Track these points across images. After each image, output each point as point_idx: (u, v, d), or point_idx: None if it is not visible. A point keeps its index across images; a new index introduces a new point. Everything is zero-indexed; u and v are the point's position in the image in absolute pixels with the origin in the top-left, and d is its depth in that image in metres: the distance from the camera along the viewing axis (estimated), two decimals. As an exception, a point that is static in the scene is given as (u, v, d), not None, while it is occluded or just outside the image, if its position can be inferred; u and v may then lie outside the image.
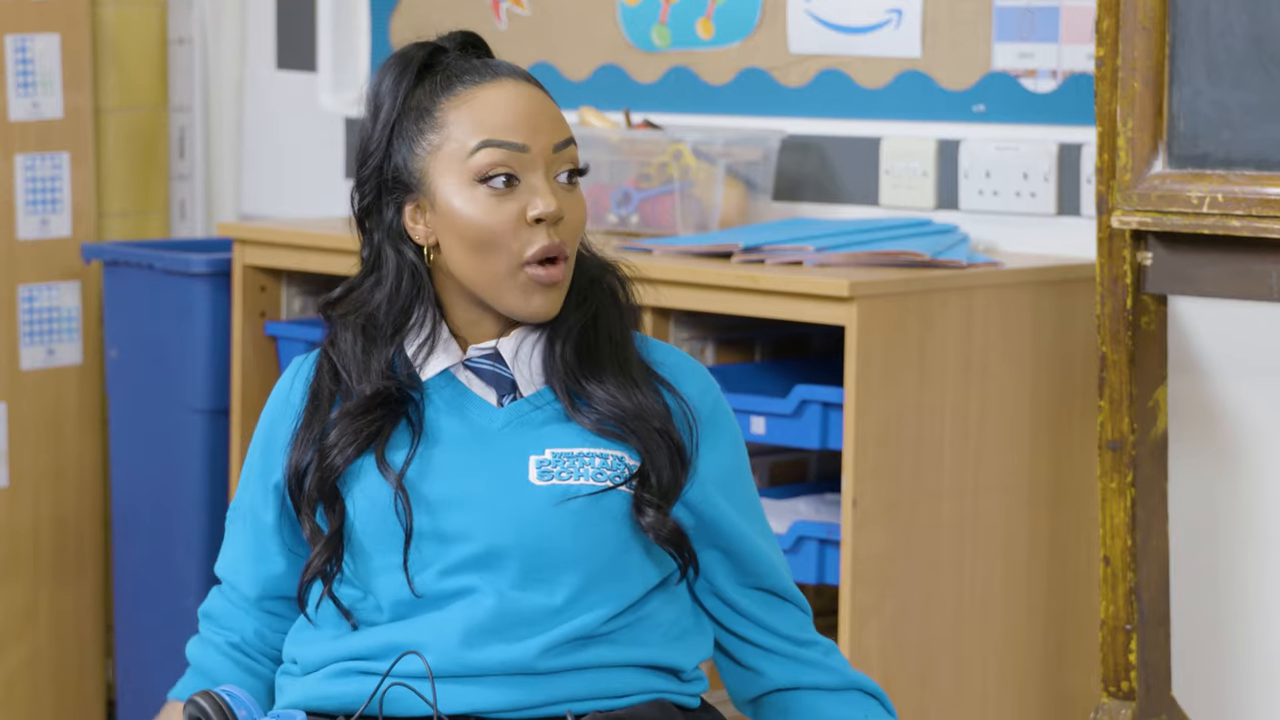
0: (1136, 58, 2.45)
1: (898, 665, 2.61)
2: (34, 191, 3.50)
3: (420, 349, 1.88)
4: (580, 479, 1.84)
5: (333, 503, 1.85)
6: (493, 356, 1.88)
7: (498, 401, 1.88)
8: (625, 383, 1.87)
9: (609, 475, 1.85)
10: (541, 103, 1.87)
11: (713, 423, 1.92)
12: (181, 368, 3.31)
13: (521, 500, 1.84)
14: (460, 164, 1.85)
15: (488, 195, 1.85)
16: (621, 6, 3.18)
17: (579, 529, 1.83)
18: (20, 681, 3.52)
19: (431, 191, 1.86)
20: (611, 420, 1.86)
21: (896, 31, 2.93)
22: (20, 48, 3.47)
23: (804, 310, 2.60)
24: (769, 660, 1.93)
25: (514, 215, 1.84)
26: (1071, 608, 2.77)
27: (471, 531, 1.83)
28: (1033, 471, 2.73)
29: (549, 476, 1.85)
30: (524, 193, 1.85)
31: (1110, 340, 2.52)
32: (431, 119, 1.86)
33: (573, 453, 1.85)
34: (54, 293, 3.50)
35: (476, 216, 1.84)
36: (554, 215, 1.84)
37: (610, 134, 2.96)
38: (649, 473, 1.85)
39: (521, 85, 1.87)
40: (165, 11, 3.68)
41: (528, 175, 1.85)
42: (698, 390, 1.93)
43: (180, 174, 3.71)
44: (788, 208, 3.03)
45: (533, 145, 1.85)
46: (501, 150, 1.84)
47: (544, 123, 1.86)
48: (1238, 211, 2.40)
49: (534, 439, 1.86)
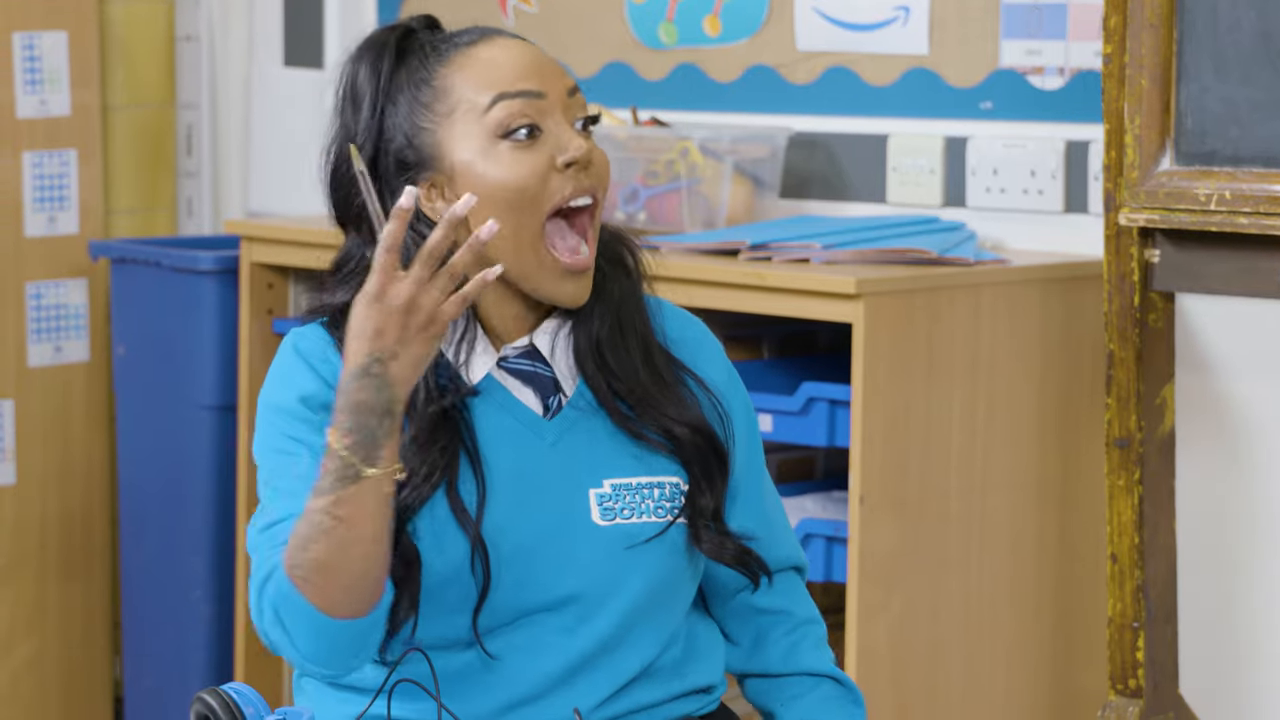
0: (1144, 55, 2.45)
1: (905, 662, 2.61)
2: (42, 189, 3.50)
3: (459, 350, 1.78)
4: (643, 516, 1.79)
5: (409, 547, 1.73)
6: (529, 354, 1.81)
7: (541, 404, 1.81)
8: (656, 376, 1.81)
9: (668, 508, 1.80)
10: (541, 53, 1.80)
11: (731, 392, 1.88)
12: (189, 365, 3.31)
13: (589, 546, 1.78)
14: (477, 124, 1.76)
15: (511, 150, 1.75)
16: (629, 4, 3.18)
17: (646, 571, 1.79)
18: (28, 678, 3.52)
19: (448, 162, 1.77)
20: (650, 424, 1.80)
21: (904, 29, 2.93)
22: (28, 45, 3.47)
23: (811, 307, 2.60)
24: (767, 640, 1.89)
25: (543, 165, 1.76)
26: (1079, 605, 2.77)
27: (538, 580, 1.77)
28: (1040, 468, 2.73)
29: (611, 515, 1.79)
30: (548, 141, 1.76)
31: (1118, 337, 2.52)
32: (432, 89, 1.77)
33: (631, 484, 1.80)
34: (61, 290, 3.50)
35: (503, 174, 1.75)
36: (585, 157, 1.75)
37: (617, 131, 2.96)
38: (697, 492, 1.81)
39: (515, 40, 1.80)
40: (173, 9, 3.68)
41: (548, 123, 1.76)
42: (716, 365, 1.88)
43: (188, 171, 3.71)
44: (795, 205, 3.03)
45: (549, 91, 1.77)
46: (519, 100, 1.75)
47: (550, 70, 1.78)
48: (1245, 209, 2.40)
49: (589, 465, 1.80)
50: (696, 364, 1.87)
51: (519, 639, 1.78)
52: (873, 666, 2.57)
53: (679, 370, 1.85)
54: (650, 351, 1.83)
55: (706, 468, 1.82)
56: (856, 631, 2.56)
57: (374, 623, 1.71)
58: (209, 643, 3.33)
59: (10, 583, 3.50)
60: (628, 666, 1.80)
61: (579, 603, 1.78)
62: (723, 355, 1.91)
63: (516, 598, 1.77)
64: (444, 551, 1.76)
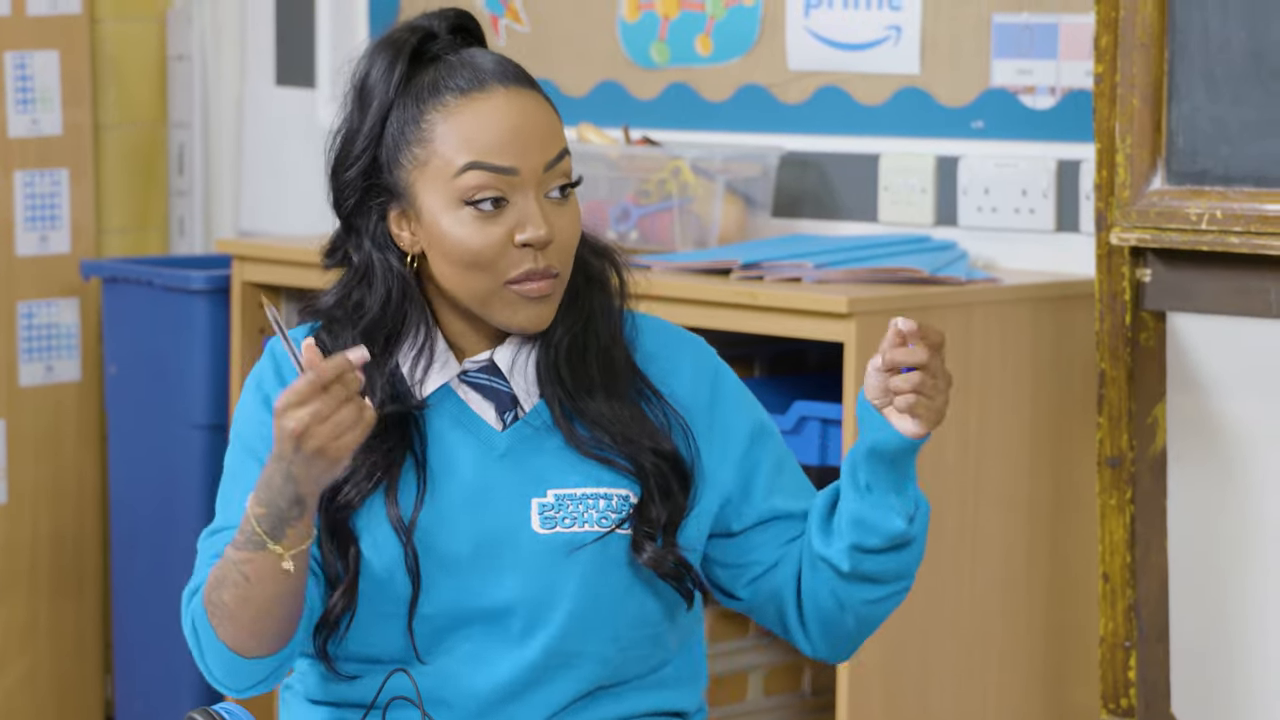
0: (1135, 74, 2.46)
1: (898, 679, 2.62)
2: (33, 208, 3.50)
3: (416, 361, 1.81)
4: (584, 525, 1.80)
5: (347, 543, 1.77)
6: (488, 369, 1.83)
7: (498, 418, 1.83)
8: (616, 397, 1.81)
9: (613, 518, 1.80)
10: (534, 115, 1.78)
11: (717, 403, 1.86)
12: (180, 384, 3.31)
13: (527, 553, 1.79)
14: (446, 184, 1.77)
15: (474, 217, 1.77)
16: (621, 23, 3.19)
17: (584, 579, 1.79)
18: (20, 697, 3.52)
19: (417, 205, 1.79)
20: (608, 446, 1.81)
21: (895, 48, 2.94)
22: (20, 64, 3.48)
23: (802, 327, 2.60)
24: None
25: (501, 237, 1.77)
26: (1071, 623, 2.77)
27: (473, 586, 1.79)
28: (1032, 487, 2.73)
29: (552, 524, 1.80)
30: (512, 214, 1.77)
31: (1109, 356, 2.52)
32: (419, 130, 1.77)
33: (575, 494, 1.80)
34: (53, 309, 3.51)
35: (463, 238, 1.77)
36: (543, 241, 1.77)
37: (609, 150, 2.97)
38: (648, 504, 1.81)
39: (514, 95, 1.78)
40: (164, 28, 3.68)
41: (517, 197, 1.78)
42: (693, 375, 1.87)
43: (179, 190, 3.71)
44: (787, 224, 3.03)
45: (523, 167, 1.77)
46: (489, 174, 1.77)
47: (535, 140, 1.78)
48: (1236, 228, 2.41)
49: (535, 475, 1.81)
50: (668, 380, 1.86)
51: (461, 651, 1.79)
52: (865, 684, 2.58)
53: (644, 388, 1.84)
54: (613, 370, 1.83)
55: (664, 484, 1.81)
56: (849, 651, 2.56)
57: (281, 660, 1.76)
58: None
59: (2, 602, 3.50)
60: (579, 681, 1.80)
61: (518, 613, 1.79)
62: (708, 367, 1.89)
63: (453, 603, 1.79)
64: (380, 553, 1.78)
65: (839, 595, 1.84)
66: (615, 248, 1.88)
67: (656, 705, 1.85)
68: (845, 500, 1.82)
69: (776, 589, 1.87)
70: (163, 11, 3.68)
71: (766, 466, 1.87)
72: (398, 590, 1.78)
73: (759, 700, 3.04)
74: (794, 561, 1.86)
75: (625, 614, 1.82)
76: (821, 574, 1.83)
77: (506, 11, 3.30)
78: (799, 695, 3.08)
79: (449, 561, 1.79)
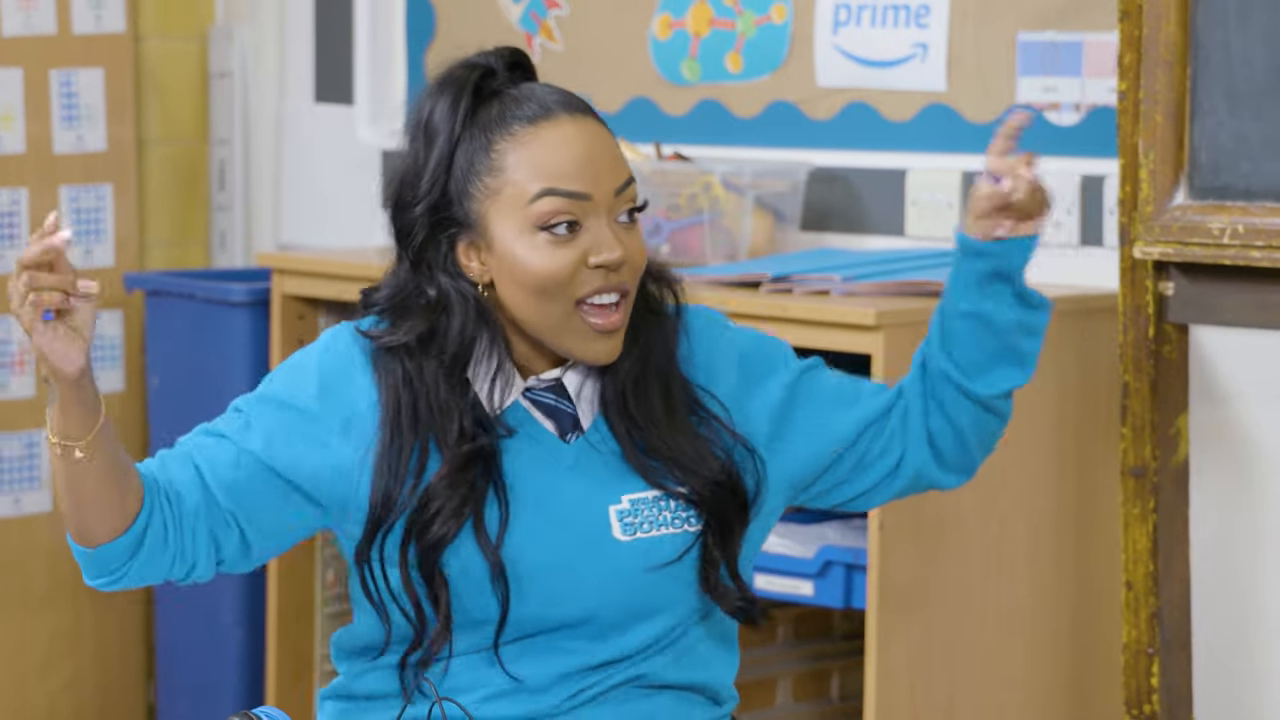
0: (1158, 91, 2.47)
1: (924, 688, 2.64)
2: (78, 222, 3.54)
3: (492, 387, 1.83)
4: (661, 528, 1.84)
5: (434, 579, 1.80)
6: (554, 389, 1.86)
7: (559, 435, 1.86)
8: (676, 429, 1.84)
9: (684, 517, 1.85)
10: (602, 142, 1.81)
11: (748, 371, 1.90)
12: (221, 395, 3.31)
13: (612, 562, 1.83)
14: (520, 210, 1.79)
15: (549, 242, 1.79)
16: (652, 40, 3.22)
17: (665, 585, 1.85)
18: (64, 701, 3.55)
19: (489, 234, 1.81)
20: (670, 476, 1.84)
21: (922, 65, 2.96)
22: (65, 82, 3.52)
23: (831, 339, 2.61)
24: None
25: (575, 260, 1.80)
26: (1094, 631, 2.78)
27: (562, 598, 1.83)
28: (1056, 497, 2.74)
29: (632, 530, 1.83)
30: (586, 239, 1.80)
31: (1133, 368, 2.53)
32: (488, 160, 1.80)
33: (647, 498, 1.84)
34: (97, 321, 3.52)
35: (537, 263, 1.79)
36: (618, 262, 1.80)
37: (641, 166, 2.99)
38: (713, 543, 1.84)
39: (580, 123, 1.81)
40: (206, 46, 3.72)
41: (590, 221, 1.80)
42: (726, 356, 1.90)
43: (220, 205, 3.75)
44: (815, 238, 3.05)
45: (595, 193, 1.80)
46: (563, 199, 1.79)
47: (605, 166, 1.80)
48: (1258, 242, 2.41)
49: (607, 483, 1.84)
50: (715, 379, 1.89)
51: (536, 651, 1.84)
52: (892, 691, 2.60)
53: (703, 413, 1.87)
54: (672, 400, 1.86)
55: (724, 517, 1.85)
56: (876, 657, 2.58)
57: (122, 552, 1.78)
58: (241, 667, 3.36)
59: (47, 609, 3.53)
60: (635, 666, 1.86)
61: (601, 618, 1.83)
62: (732, 344, 1.92)
63: (537, 616, 1.83)
64: (469, 575, 1.82)
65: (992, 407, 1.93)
66: (673, 272, 1.91)
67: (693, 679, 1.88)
68: (991, 314, 1.90)
69: (916, 470, 1.94)
70: (204, 30, 3.71)
71: (827, 397, 1.92)
72: (488, 614, 1.82)
73: (788, 705, 3.05)
74: (920, 440, 1.93)
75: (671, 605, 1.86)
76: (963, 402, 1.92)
77: (541, 30, 3.33)
78: (827, 701, 3.09)
79: (532, 574, 1.82)
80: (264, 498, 1.83)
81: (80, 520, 1.77)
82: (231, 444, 1.84)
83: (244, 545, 1.84)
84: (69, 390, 1.71)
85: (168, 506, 1.80)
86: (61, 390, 1.71)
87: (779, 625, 3.06)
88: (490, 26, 3.34)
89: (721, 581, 1.85)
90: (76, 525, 1.78)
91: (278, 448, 1.82)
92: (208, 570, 1.83)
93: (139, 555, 1.79)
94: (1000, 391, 1.94)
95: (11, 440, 3.49)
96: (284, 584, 3.25)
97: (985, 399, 1.93)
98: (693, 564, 1.85)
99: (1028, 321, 1.93)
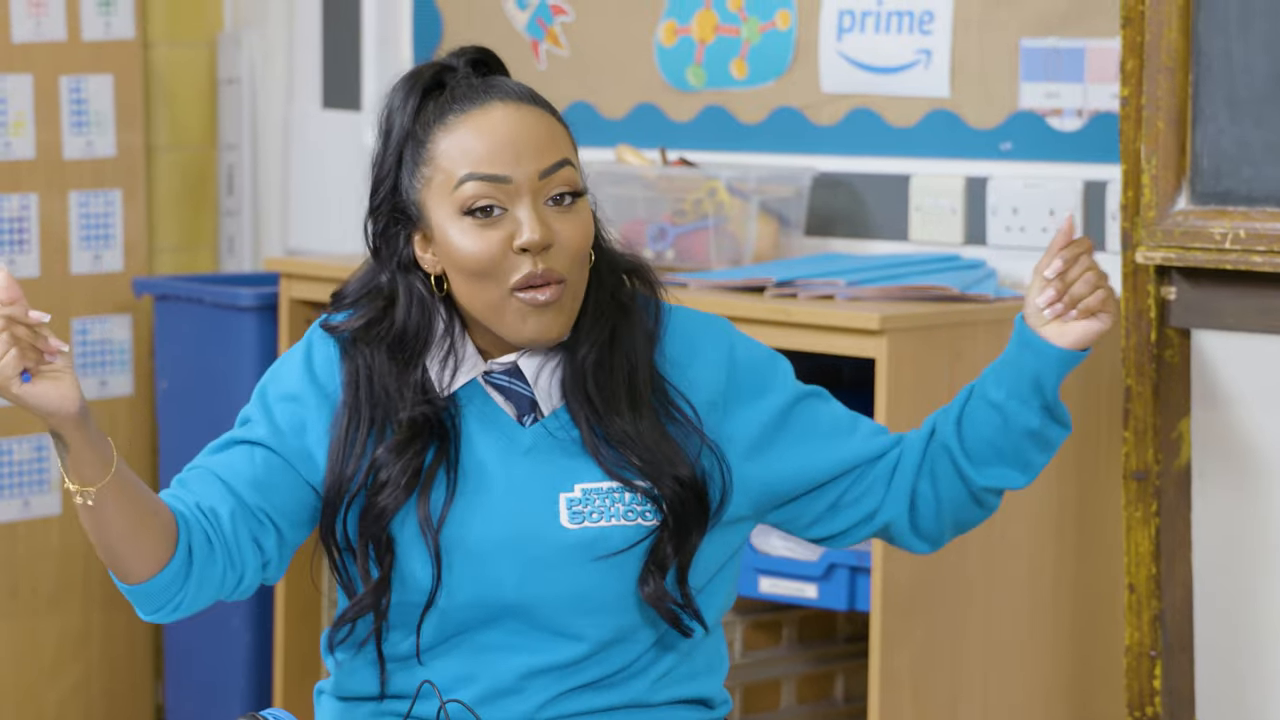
0: (1160, 97, 2.48)
1: (928, 690, 2.65)
2: (87, 227, 3.55)
3: (444, 365, 1.86)
4: (611, 520, 1.84)
5: (383, 546, 1.84)
6: (512, 372, 1.87)
7: (518, 418, 1.87)
8: (641, 419, 1.85)
9: (638, 511, 1.85)
10: (530, 127, 1.83)
11: (739, 381, 1.91)
12: (229, 399, 3.35)
13: (554, 549, 1.84)
14: (448, 197, 1.83)
15: (474, 225, 1.82)
16: (658, 47, 3.23)
17: (611, 578, 1.85)
18: (73, 703, 3.56)
19: (429, 224, 1.85)
20: (630, 468, 1.84)
21: (926, 72, 2.97)
22: (75, 88, 3.53)
23: (835, 343, 2.62)
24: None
25: (500, 243, 1.82)
26: (1097, 633, 2.79)
27: (499, 580, 1.84)
28: (1059, 500, 2.75)
29: (580, 519, 1.84)
30: (509, 221, 1.82)
31: (1135, 372, 2.54)
32: (424, 150, 1.84)
33: (602, 488, 1.85)
34: (106, 326, 3.56)
35: (465, 247, 1.82)
36: (538, 244, 1.81)
37: (647, 171, 3.00)
38: (663, 539, 1.84)
39: (510, 108, 1.83)
40: (215, 53, 3.73)
41: (513, 204, 1.82)
42: (712, 361, 1.90)
43: (229, 210, 3.76)
44: (820, 243, 3.06)
45: (515, 175, 1.82)
46: (483, 183, 1.82)
47: (529, 149, 1.82)
48: (1260, 247, 2.42)
49: (562, 470, 1.86)
50: (689, 381, 1.89)
51: (486, 640, 1.85)
52: (896, 693, 2.61)
53: (673, 410, 1.87)
54: (639, 392, 1.86)
55: (683, 517, 1.85)
56: (880, 659, 2.58)
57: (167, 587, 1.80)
58: (248, 668, 3.37)
59: (56, 610, 3.54)
60: (602, 665, 1.85)
61: (546, 608, 1.84)
62: (720, 341, 1.92)
63: (479, 596, 1.84)
64: (412, 552, 1.84)
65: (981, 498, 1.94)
66: (648, 265, 1.92)
67: (681, 693, 1.89)
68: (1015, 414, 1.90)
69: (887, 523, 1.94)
70: (213, 36, 3.73)
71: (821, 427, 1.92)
72: (425, 585, 1.84)
73: (792, 707, 3.05)
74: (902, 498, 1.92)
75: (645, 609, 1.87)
76: (958, 487, 1.92)
77: (547, 36, 3.34)
78: (831, 703, 3.10)
79: (476, 554, 1.84)
80: (284, 484, 1.86)
81: (117, 561, 1.78)
82: (241, 446, 1.87)
83: (281, 542, 1.87)
84: (76, 432, 1.71)
85: (204, 520, 1.83)
86: (69, 435, 1.72)
87: (783, 628, 3.07)
88: (496, 33, 3.35)
89: (658, 582, 1.84)
90: (115, 567, 1.79)
91: (283, 435, 1.87)
92: (255, 577, 1.86)
93: (191, 577, 1.81)
94: (994, 487, 1.95)
95: (21, 444, 3.50)
96: (291, 586, 3.26)
97: (978, 489, 1.95)
98: (639, 559, 1.85)
99: (1046, 434, 1.94)
